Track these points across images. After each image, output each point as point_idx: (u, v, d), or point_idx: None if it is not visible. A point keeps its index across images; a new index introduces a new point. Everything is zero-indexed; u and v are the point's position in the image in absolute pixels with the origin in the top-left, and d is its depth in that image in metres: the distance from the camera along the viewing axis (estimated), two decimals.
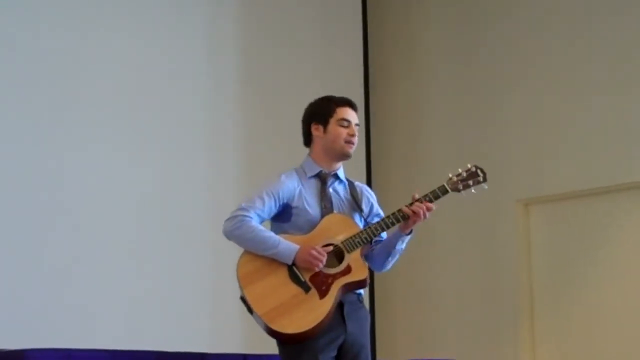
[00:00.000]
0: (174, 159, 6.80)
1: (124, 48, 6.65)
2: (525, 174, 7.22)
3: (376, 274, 7.69)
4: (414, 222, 4.08)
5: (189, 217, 6.80)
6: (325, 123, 4.13)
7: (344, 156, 4.17)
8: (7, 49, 6.12)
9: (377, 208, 4.27)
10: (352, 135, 4.13)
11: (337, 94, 7.62)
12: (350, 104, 4.18)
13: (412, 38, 8.04)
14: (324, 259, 3.96)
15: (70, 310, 6.09)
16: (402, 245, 4.17)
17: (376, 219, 4.18)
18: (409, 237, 4.16)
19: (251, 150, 7.21)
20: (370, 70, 8.06)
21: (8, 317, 5.80)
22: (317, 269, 3.95)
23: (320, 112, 4.14)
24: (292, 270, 3.96)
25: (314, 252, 3.94)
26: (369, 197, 4.26)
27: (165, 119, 6.80)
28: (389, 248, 4.16)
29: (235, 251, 4.15)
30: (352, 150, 4.15)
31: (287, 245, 3.97)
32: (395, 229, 4.12)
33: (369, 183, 7.80)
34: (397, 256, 4.20)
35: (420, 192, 4.14)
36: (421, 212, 4.05)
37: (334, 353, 3.98)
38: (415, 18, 8.04)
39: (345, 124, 4.13)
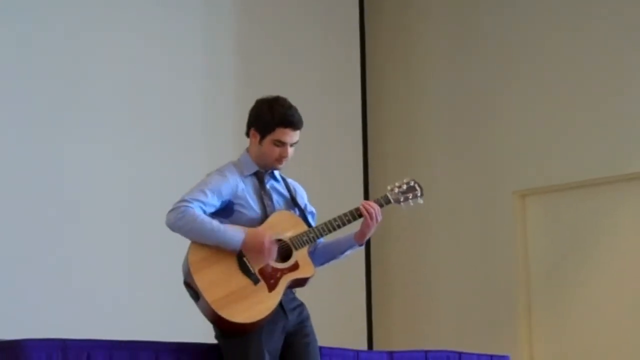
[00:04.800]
0: (172, 157, 6.81)
1: (121, 46, 6.66)
2: (522, 165, 7.22)
3: (373, 266, 7.73)
4: (368, 227, 4.15)
5: None
6: (262, 136, 4.15)
7: (273, 169, 4.23)
8: (7, 47, 6.14)
9: (309, 205, 4.32)
10: (284, 157, 4.15)
11: (334, 93, 7.64)
12: (293, 125, 4.14)
13: (409, 35, 8.03)
14: (274, 253, 4.01)
15: (69, 304, 6.11)
16: (348, 253, 4.26)
17: (309, 217, 4.25)
18: (360, 247, 4.26)
19: None
20: (367, 68, 8.06)
21: (6, 310, 5.83)
22: (265, 262, 3.98)
23: (262, 123, 4.15)
24: (242, 260, 3.99)
25: (267, 243, 3.97)
26: (302, 194, 4.32)
27: (164, 118, 6.81)
28: (335, 253, 4.26)
29: None
30: (282, 165, 4.20)
31: (233, 233, 3.99)
32: (347, 235, 4.21)
33: (365, 179, 7.81)
34: (337, 261, 4.29)
35: None
36: (373, 213, 4.13)
37: (280, 342, 4.04)
38: (412, 16, 8.03)
39: (279, 144, 4.14)
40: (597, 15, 7.00)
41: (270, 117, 4.13)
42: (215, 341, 4.61)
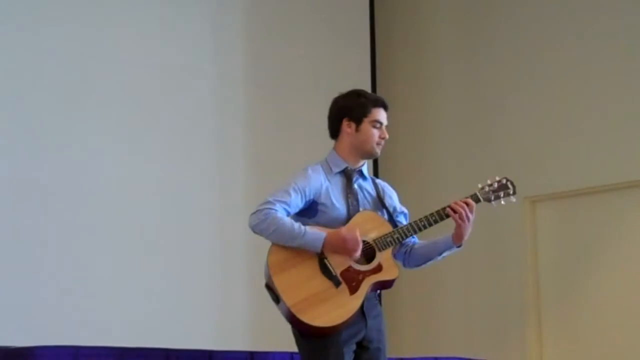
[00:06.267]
0: (181, 158, 6.82)
1: (130, 47, 6.67)
2: (532, 171, 7.20)
3: None
4: (460, 227, 4.07)
5: (196, 215, 6.81)
6: (358, 122, 4.09)
7: (371, 156, 4.18)
8: (17, 48, 6.15)
9: (400, 206, 4.24)
10: (383, 138, 4.13)
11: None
12: (384, 105, 4.15)
13: (420, 37, 8.03)
14: (360, 248, 3.93)
15: (77, 309, 6.12)
16: (446, 254, 4.19)
17: (401, 217, 4.18)
18: (458, 249, 4.17)
19: (259, 147, 7.21)
20: (378, 69, 8.05)
21: (16, 316, 5.83)
22: (354, 256, 3.91)
23: (355, 109, 4.09)
24: (323, 262, 3.91)
25: (350, 239, 3.89)
26: (391, 194, 4.24)
27: (173, 118, 6.82)
28: (433, 254, 4.18)
29: (243, 249, 4.12)
30: (380, 151, 4.16)
31: (313, 233, 3.92)
32: (446, 236, 4.14)
33: None
34: (434, 262, 4.22)
35: (431, 192, 4.19)
36: (463, 211, 4.05)
37: (354, 347, 3.96)
38: (422, 17, 8.03)
39: (378, 125, 4.11)
40: (612, 18, 6.97)
41: (364, 100, 4.10)
42: (219, 347, 4.60)
